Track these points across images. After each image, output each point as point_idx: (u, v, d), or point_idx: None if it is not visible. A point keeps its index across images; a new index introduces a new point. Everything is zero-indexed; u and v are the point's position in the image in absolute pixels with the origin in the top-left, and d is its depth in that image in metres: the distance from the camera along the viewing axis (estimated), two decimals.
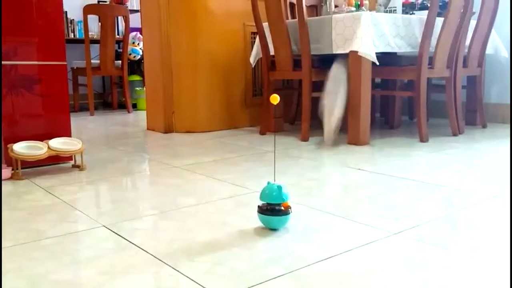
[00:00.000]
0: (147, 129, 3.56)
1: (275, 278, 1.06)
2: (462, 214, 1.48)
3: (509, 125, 3.34)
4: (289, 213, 1.36)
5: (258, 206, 1.37)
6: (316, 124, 3.59)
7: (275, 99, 1.36)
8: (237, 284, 1.03)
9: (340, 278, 1.05)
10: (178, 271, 1.10)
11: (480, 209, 1.53)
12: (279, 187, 1.35)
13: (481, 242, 1.26)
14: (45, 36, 2.19)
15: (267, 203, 1.35)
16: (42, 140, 2.14)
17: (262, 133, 3.16)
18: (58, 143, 2.15)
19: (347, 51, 2.63)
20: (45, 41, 2.20)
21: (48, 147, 2.10)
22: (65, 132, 2.28)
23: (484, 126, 3.27)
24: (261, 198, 1.36)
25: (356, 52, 2.56)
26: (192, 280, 1.06)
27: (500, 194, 1.68)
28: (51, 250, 1.24)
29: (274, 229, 1.36)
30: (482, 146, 2.59)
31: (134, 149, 2.75)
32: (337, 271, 1.09)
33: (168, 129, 3.36)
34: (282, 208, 1.35)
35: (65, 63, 2.27)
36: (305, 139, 2.85)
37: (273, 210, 1.34)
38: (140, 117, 4.37)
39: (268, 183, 1.38)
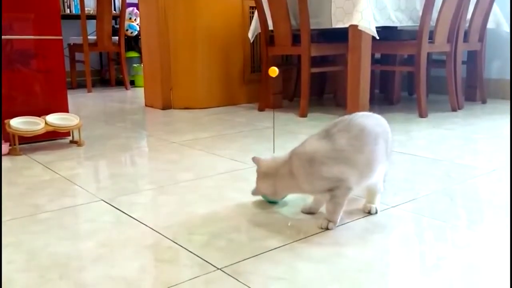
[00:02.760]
0: (145, 105, 3.54)
1: (272, 249, 1.06)
2: (460, 188, 1.49)
3: (509, 101, 3.33)
4: None
5: None
6: (315, 101, 3.57)
7: (273, 71, 1.34)
8: (235, 255, 1.03)
9: (337, 250, 1.06)
10: (176, 243, 1.11)
11: (479, 183, 1.53)
12: None
13: (479, 215, 1.26)
14: (40, 10, 2.16)
15: None
16: (39, 116, 2.13)
17: (261, 109, 3.15)
18: (55, 119, 2.13)
19: (346, 25, 2.60)
20: (41, 15, 2.16)
21: (46, 123, 2.09)
22: (63, 108, 2.27)
23: (484, 102, 3.25)
24: None
25: (356, 26, 2.53)
26: (191, 252, 1.06)
27: (498, 168, 1.68)
28: (49, 223, 1.25)
29: (273, 203, 1.36)
30: (482, 122, 2.58)
31: (132, 125, 2.74)
32: (334, 242, 1.10)
33: (166, 106, 3.34)
34: None
35: (61, 37, 2.24)
36: (303, 115, 2.84)
37: None
38: (138, 94, 4.34)
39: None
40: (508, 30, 3.28)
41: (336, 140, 1.15)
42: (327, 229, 1.17)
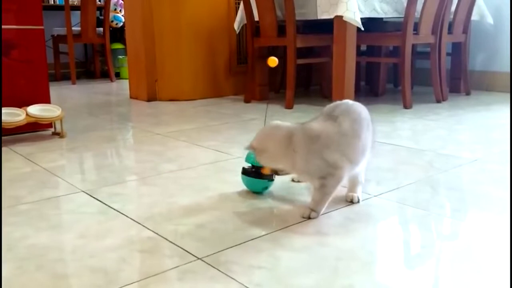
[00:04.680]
0: (130, 97, 3.50)
1: (254, 239, 1.06)
2: (443, 177, 1.49)
3: (493, 93, 3.35)
4: (273, 180, 1.34)
5: (243, 168, 1.36)
6: (301, 92, 3.57)
7: (273, 61, 1.31)
8: (216, 245, 1.03)
9: (318, 239, 1.06)
10: (157, 234, 1.10)
11: (462, 173, 1.53)
12: None
13: (462, 204, 1.27)
14: (21, 0, 2.12)
15: (253, 165, 1.33)
16: (20, 107, 2.09)
17: (247, 101, 3.13)
18: (37, 110, 2.10)
19: (332, 16, 2.59)
20: (22, 4, 2.12)
21: (27, 114, 2.05)
22: (44, 99, 2.23)
23: (468, 94, 3.28)
24: (247, 160, 1.35)
25: (341, 17, 2.52)
26: (171, 242, 1.05)
27: (481, 158, 1.69)
28: (28, 215, 1.23)
29: (256, 193, 1.35)
30: (465, 113, 2.60)
31: (117, 117, 2.71)
32: (316, 231, 1.09)
33: (151, 98, 3.31)
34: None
35: (42, 27, 2.20)
36: (289, 106, 2.83)
37: (258, 173, 1.31)
38: (123, 86, 4.30)
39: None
40: (492, 22, 3.30)
41: (341, 123, 1.15)
42: (309, 218, 1.16)
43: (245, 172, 1.35)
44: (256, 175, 1.32)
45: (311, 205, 1.17)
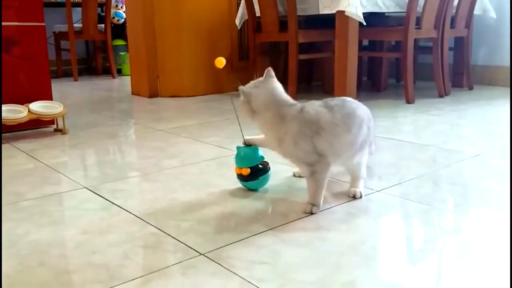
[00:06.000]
0: (132, 94, 3.50)
1: (256, 234, 1.06)
2: (445, 172, 1.49)
3: (495, 87, 3.34)
4: (268, 170, 1.34)
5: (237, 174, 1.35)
6: (303, 88, 3.56)
7: (220, 62, 1.30)
8: (219, 241, 1.03)
9: (320, 234, 1.05)
10: (160, 229, 1.10)
11: (464, 168, 1.53)
12: (246, 153, 1.32)
13: (464, 199, 1.27)
14: None
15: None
16: (22, 104, 2.09)
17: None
18: (38, 107, 2.10)
19: (333, 11, 2.58)
20: (22, 1, 2.12)
21: (29, 111, 2.05)
22: (46, 95, 2.23)
23: (470, 88, 3.26)
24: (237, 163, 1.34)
25: (343, 12, 2.51)
26: (174, 238, 1.05)
27: (483, 153, 1.68)
28: (31, 211, 1.23)
29: (252, 190, 1.34)
30: (468, 108, 2.59)
31: (118, 113, 2.71)
32: (318, 227, 1.09)
33: (153, 94, 3.31)
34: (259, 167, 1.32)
35: (44, 24, 2.20)
36: None
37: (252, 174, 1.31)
38: (125, 82, 4.29)
39: (238, 148, 1.36)
40: (495, 16, 3.28)
41: (335, 113, 1.16)
42: (311, 213, 1.16)
43: (239, 177, 1.34)
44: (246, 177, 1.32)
45: (310, 200, 1.18)
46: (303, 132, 1.14)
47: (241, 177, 1.33)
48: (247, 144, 1.33)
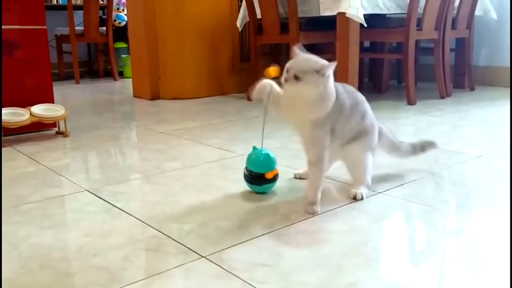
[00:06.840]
0: (134, 96, 3.51)
1: (258, 237, 1.05)
2: (447, 173, 1.49)
3: (497, 88, 3.33)
4: (276, 180, 1.34)
5: (245, 174, 1.34)
6: None
7: (274, 71, 1.30)
8: (220, 243, 1.03)
9: (322, 236, 1.05)
10: (161, 232, 1.10)
11: (465, 168, 1.53)
12: (266, 156, 1.32)
13: (466, 200, 1.26)
14: (23, 0, 2.12)
15: (251, 170, 1.32)
16: (24, 107, 2.10)
17: (250, 99, 3.13)
18: (40, 109, 2.11)
19: (334, 13, 2.58)
20: (24, 4, 2.12)
21: (31, 114, 2.06)
22: (48, 98, 2.23)
23: (472, 89, 3.26)
24: (248, 165, 1.34)
25: (344, 13, 2.51)
26: (175, 240, 1.05)
27: (485, 154, 1.68)
28: (32, 214, 1.23)
29: (260, 193, 1.34)
30: (470, 108, 2.58)
31: (120, 116, 2.72)
32: (319, 229, 1.09)
33: (154, 96, 3.32)
34: (269, 176, 1.31)
35: (45, 27, 2.20)
36: None
37: (259, 177, 1.31)
38: (126, 85, 4.30)
39: (254, 148, 1.36)
40: (496, 17, 3.28)
41: (345, 101, 1.20)
42: (313, 213, 1.16)
43: (248, 179, 1.33)
44: (256, 180, 1.32)
45: (310, 198, 1.18)
46: (330, 116, 1.16)
47: (266, 180, 1.31)
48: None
